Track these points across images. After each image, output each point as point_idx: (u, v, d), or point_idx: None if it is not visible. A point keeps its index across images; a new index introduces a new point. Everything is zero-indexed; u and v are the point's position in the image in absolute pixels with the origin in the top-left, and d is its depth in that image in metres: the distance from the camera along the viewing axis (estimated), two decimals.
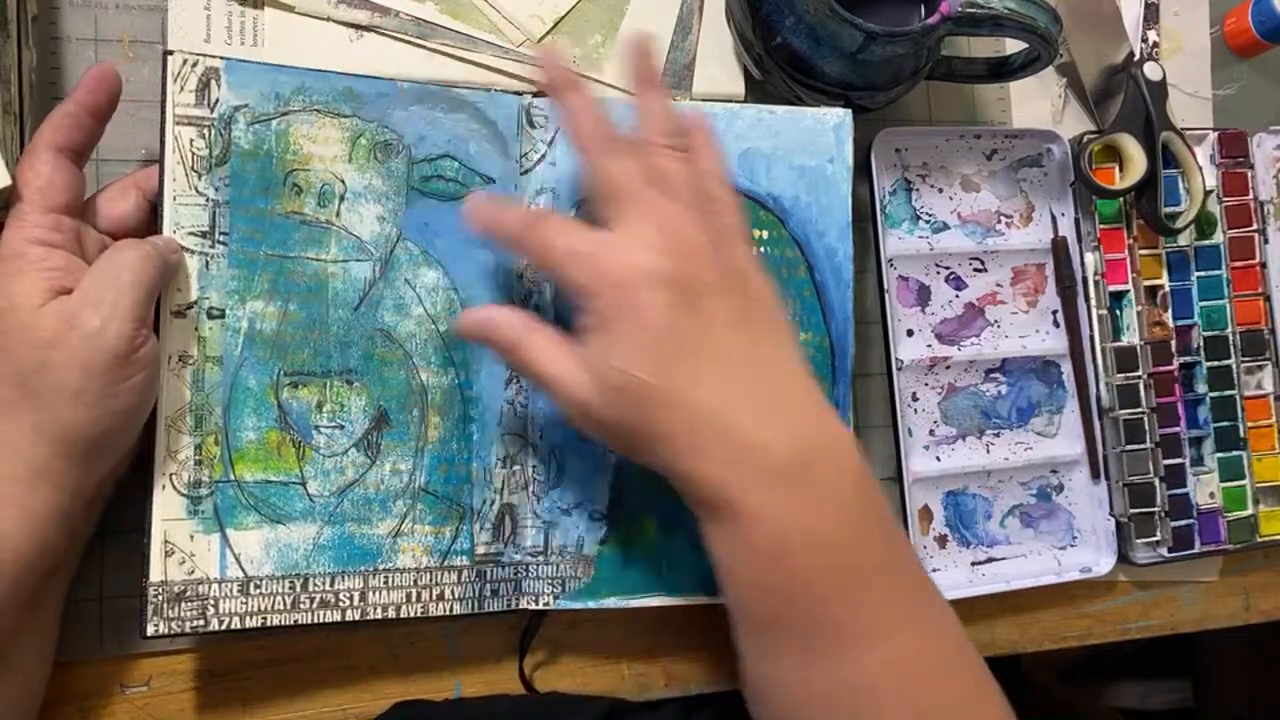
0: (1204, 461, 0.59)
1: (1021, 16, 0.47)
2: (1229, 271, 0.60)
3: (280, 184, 0.44)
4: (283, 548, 0.43)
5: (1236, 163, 0.60)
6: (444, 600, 0.45)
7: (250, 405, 0.43)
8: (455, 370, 0.46)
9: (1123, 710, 1.21)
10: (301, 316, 0.44)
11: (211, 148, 0.43)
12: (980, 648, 0.56)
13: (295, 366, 0.44)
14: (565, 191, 0.48)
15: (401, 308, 0.45)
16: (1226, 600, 0.61)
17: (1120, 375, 0.57)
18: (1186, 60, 0.63)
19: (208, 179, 0.43)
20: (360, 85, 0.45)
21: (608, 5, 0.53)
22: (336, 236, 0.45)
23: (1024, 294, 0.58)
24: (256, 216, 0.43)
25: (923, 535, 0.55)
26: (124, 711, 0.45)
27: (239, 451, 0.43)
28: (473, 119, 0.47)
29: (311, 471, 0.44)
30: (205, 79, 0.43)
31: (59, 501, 0.38)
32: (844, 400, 0.50)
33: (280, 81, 0.44)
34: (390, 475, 0.45)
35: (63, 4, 0.47)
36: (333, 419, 0.44)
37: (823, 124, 0.51)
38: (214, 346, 0.43)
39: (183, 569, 0.41)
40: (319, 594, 0.43)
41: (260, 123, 0.44)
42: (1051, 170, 0.59)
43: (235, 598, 0.42)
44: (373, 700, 0.48)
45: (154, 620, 0.41)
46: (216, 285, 0.43)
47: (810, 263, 0.50)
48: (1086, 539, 0.58)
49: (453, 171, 0.46)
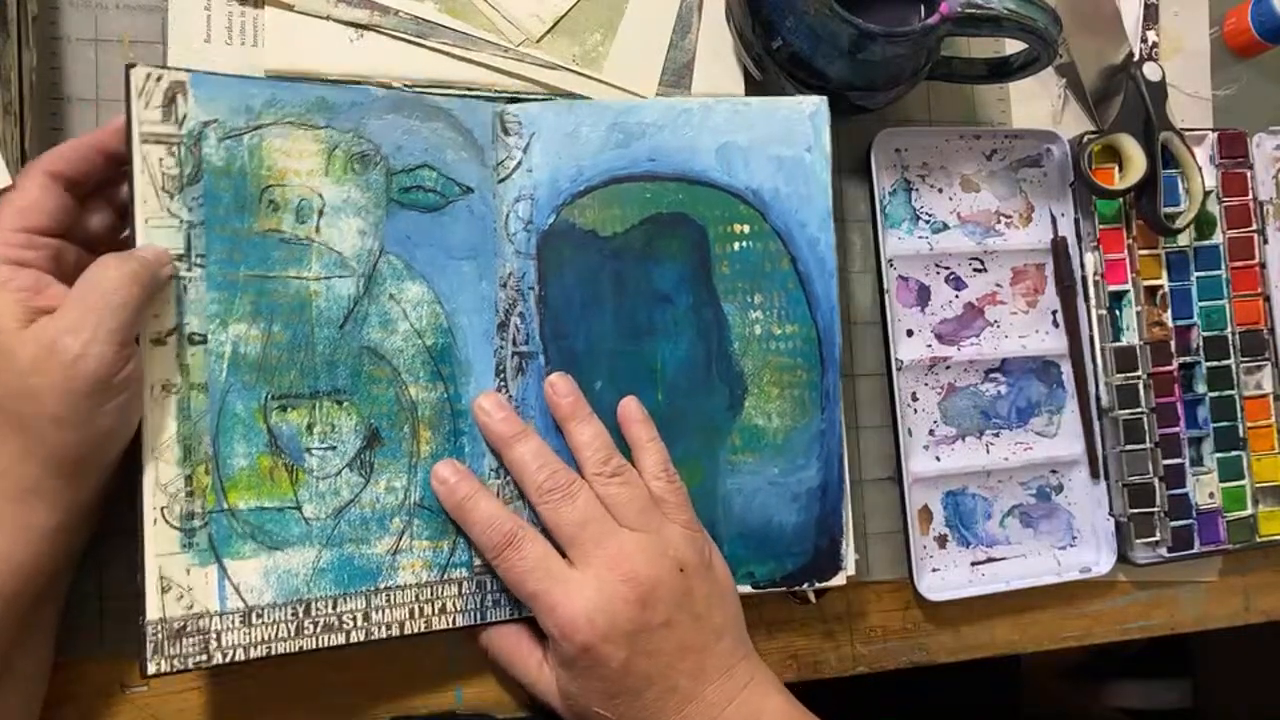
0: (1203, 462, 0.59)
1: (1021, 17, 0.47)
2: (1228, 272, 0.60)
3: (256, 201, 0.43)
4: (282, 574, 0.42)
5: (1236, 163, 0.60)
6: (446, 614, 0.45)
7: (239, 431, 0.42)
8: (444, 384, 0.46)
9: (1123, 710, 1.21)
10: (286, 337, 0.43)
11: (182, 166, 0.41)
12: (980, 648, 0.56)
13: (283, 389, 0.43)
14: (543, 197, 0.47)
15: (387, 323, 0.45)
16: (1226, 600, 0.61)
17: (1120, 375, 0.57)
18: (1186, 60, 0.63)
19: (180, 199, 0.41)
20: (333, 94, 0.44)
21: (607, 4, 0.53)
22: (317, 253, 0.44)
23: (1024, 294, 0.58)
24: (233, 236, 0.42)
25: (922, 535, 0.55)
26: (124, 711, 0.45)
27: (231, 479, 0.42)
28: (448, 127, 0.46)
29: (306, 495, 0.43)
30: (171, 94, 0.41)
31: (53, 518, 0.38)
32: (834, 389, 0.50)
33: (250, 94, 0.43)
34: (385, 493, 0.44)
35: (63, 4, 0.46)
36: (324, 440, 0.43)
37: (799, 113, 0.50)
38: (198, 373, 0.41)
39: (181, 604, 0.40)
40: (322, 618, 0.43)
41: (232, 138, 0.42)
42: (1051, 170, 0.59)
43: (237, 629, 0.41)
44: (373, 702, 0.48)
45: (155, 659, 0.40)
46: (196, 309, 0.41)
47: (793, 254, 0.50)
48: (1086, 539, 0.58)
49: (432, 181, 0.46)
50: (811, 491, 0.49)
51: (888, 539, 0.55)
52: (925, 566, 0.55)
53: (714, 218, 0.49)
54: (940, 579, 0.55)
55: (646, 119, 0.49)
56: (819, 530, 0.49)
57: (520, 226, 0.47)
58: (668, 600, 0.43)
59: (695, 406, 0.48)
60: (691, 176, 0.49)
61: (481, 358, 0.46)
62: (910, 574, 0.54)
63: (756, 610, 0.53)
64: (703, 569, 0.45)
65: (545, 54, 0.51)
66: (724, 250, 0.49)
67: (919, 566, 0.54)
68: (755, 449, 0.49)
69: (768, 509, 0.49)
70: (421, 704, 0.48)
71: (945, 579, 0.55)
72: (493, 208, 0.47)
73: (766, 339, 0.49)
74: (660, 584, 0.43)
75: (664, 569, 0.43)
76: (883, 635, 0.55)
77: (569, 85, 0.51)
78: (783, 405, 0.49)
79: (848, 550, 0.49)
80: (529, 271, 0.47)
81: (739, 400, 0.49)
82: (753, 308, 0.49)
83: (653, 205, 0.48)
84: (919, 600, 0.54)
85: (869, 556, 0.55)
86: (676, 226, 0.49)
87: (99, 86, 0.47)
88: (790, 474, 0.49)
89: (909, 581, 0.54)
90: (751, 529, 0.49)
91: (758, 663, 0.47)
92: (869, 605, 0.55)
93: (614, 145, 0.48)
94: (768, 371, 0.49)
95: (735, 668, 0.45)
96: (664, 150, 0.49)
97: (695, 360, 0.48)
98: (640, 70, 0.53)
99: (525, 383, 0.47)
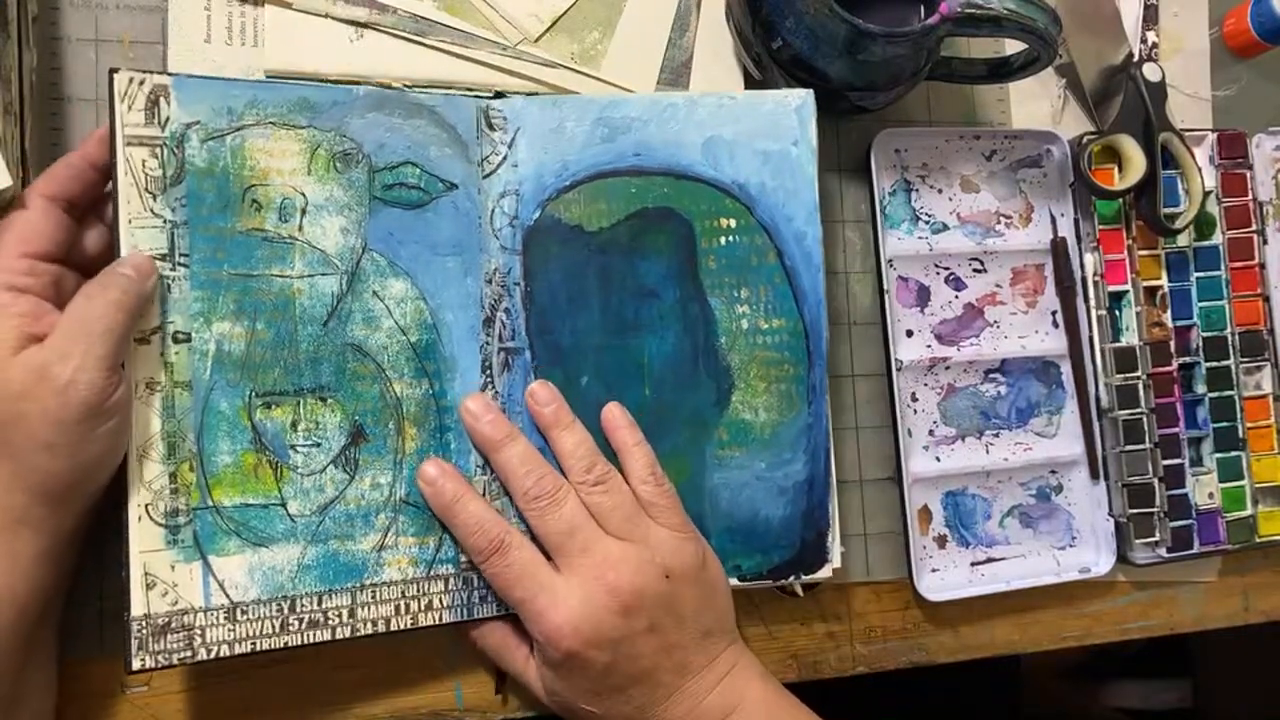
0: (1203, 462, 0.59)
1: (1021, 17, 0.47)
2: (1228, 272, 0.60)
3: (239, 201, 0.43)
4: (267, 570, 0.43)
5: (1235, 163, 0.60)
6: (433, 610, 0.45)
7: (224, 429, 0.42)
8: (429, 380, 0.46)
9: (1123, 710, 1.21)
10: (270, 335, 0.43)
11: (165, 167, 0.42)
12: (980, 648, 0.56)
13: (267, 387, 0.43)
14: (528, 192, 0.48)
15: (371, 320, 0.45)
16: (1225, 600, 0.61)
17: (1119, 376, 0.57)
18: (1186, 61, 0.63)
19: (163, 200, 0.42)
20: (315, 94, 0.44)
21: (605, 2, 0.53)
22: (300, 251, 0.44)
23: (1023, 294, 0.58)
24: (217, 235, 0.43)
25: (922, 535, 0.55)
26: (124, 711, 0.45)
27: (215, 476, 0.42)
28: (431, 123, 0.46)
29: (291, 491, 0.43)
30: (154, 96, 0.42)
31: (42, 544, 0.38)
32: (820, 383, 0.50)
33: (231, 95, 0.43)
34: (370, 490, 0.45)
35: (63, 4, 0.47)
36: (308, 437, 0.44)
37: (784, 107, 0.50)
38: (182, 371, 0.42)
39: (165, 600, 0.41)
40: (307, 614, 0.43)
41: (214, 139, 0.43)
42: (1051, 171, 0.59)
43: (222, 625, 0.42)
44: (373, 700, 0.48)
45: (139, 655, 0.40)
46: (180, 308, 0.42)
47: (780, 249, 0.50)
48: (1086, 539, 0.58)
49: (415, 178, 0.46)
50: (798, 485, 0.49)
51: (887, 539, 0.55)
52: (925, 567, 0.55)
53: (700, 212, 0.49)
54: (940, 579, 0.55)
55: (632, 113, 0.49)
56: (805, 523, 0.49)
57: (506, 222, 0.47)
58: (651, 607, 0.44)
59: (682, 401, 0.48)
60: (678, 171, 0.49)
61: (467, 353, 0.47)
62: (910, 574, 0.54)
63: (756, 610, 0.53)
64: (691, 573, 0.45)
65: (544, 52, 0.51)
66: (710, 245, 0.49)
67: (919, 567, 0.54)
68: (742, 443, 0.49)
69: (755, 503, 0.49)
70: (422, 703, 0.49)
71: (945, 579, 0.55)
72: (477, 203, 0.47)
73: (753, 333, 0.49)
74: (645, 592, 0.44)
75: (649, 577, 0.44)
76: (882, 635, 0.55)
77: (567, 83, 0.52)
78: (769, 399, 0.49)
79: (834, 543, 0.49)
80: (515, 267, 0.47)
81: (726, 395, 0.49)
82: (739, 302, 0.49)
83: (639, 200, 0.48)
84: (919, 600, 0.54)
85: (869, 556, 0.55)
86: (663, 221, 0.49)
87: (99, 86, 0.47)
88: (777, 468, 0.49)
89: (909, 582, 0.54)
90: (738, 523, 0.49)
91: (741, 649, 0.47)
92: (869, 605, 0.55)
93: (599, 140, 0.48)
94: (754, 366, 0.49)
95: (718, 658, 0.46)
96: (650, 145, 0.49)
97: (682, 355, 0.48)
98: (638, 69, 0.53)
99: (511, 378, 0.47)
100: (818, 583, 0.52)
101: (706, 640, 0.46)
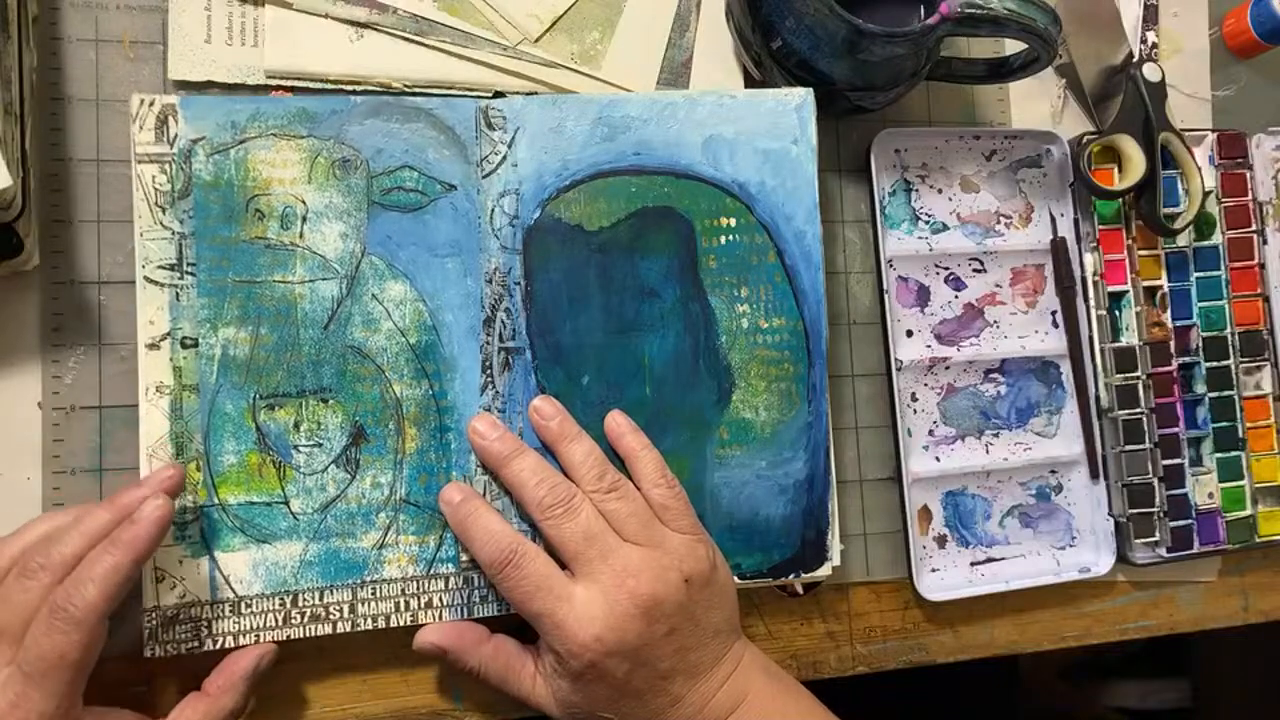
0: (1203, 462, 0.59)
1: (1021, 17, 0.47)
2: (1228, 272, 0.60)
3: (243, 211, 0.45)
4: (270, 566, 0.44)
5: (1235, 164, 0.60)
6: (433, 608, 0.46)
7: (229, 430, 0.44)
8: (429, 381, 0.46)
9: (1122, 710, 1.21)
10: (273, 339, 0.45)
11: (174, 182, 0.44)
12: (980, 648, 0.56)
13: (270, 389, 0.45)
14: (529, 192, 0.48)
15: (370, 323, 0.46)
16: (1225, 600, 0.61)
17: (1119, 376, 0.57)
18: (1185, 61, 0.63)
19: (172, 212, 0.44)
20: (313, 104, 0.46)
21: (605, 2, 0.53)
22: (301, 257, 0.45)
23: (1023, 294, 0.58)
24: (222, 245, 0.44)
25: (922, 535, 0.55)
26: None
27: (221, 476, 0.44)
28: (429, 126, 0.47)
29: (293, 490, 0.45)
30: (163, 116, 0.44)
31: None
32: (820, 381, 0.50)
33: (235, 110, 0.45)
34: (371, 489, 0.45)
35: (63, 4, 0.47)
36: (310, 438, 0.45)
37: (784, 106, 0.50)
38: (189, 375, 0.44)
39: (174, 593, 0.43)
40: (309, 609, 0.44)
41: (219, 153, 0.45)
42: (1051, 171, 0.59)
43: (228, 618, 0.44)
44: (373, 700, 0.48)
45: (150, 644, 0.43)
46: (188, 315, 0.44)
47: (780, 248, 0.50)
48: (1085, 539, 0.58)
49: (413, 182, 0.47)
50: (798, 484, 0.49)
51: (887, 539, 0.55)
52: (925, 566, 0.55)
53: (700, 211, 0.49)
54: (940, 579, 0.55)
55: (632, 112, 0.49)
56: (806, 522, 0.49)
57: (505, 221, 0.47)
58: (671, 613, 0.44)
59: (683, 400, 0.48)
60: (677, 170, 0.49)
61: (467, 354, 0.47)
62: (910, 574, 0.54)
63: (757, 610, 0.53)
64: (705, 576, 0.45)
65: (544, 52, 0.51)
66: (710, 244, 0.49)
67: (918, 566, 0.54)
68: (743, 442, 0.49)
69: (755, 501, 0.49)
70: (421, 703, 0.49)
71: (945, 579, 0.55)
72: (477, 203, 0.47)
73: (753, 332, 0.49)
74: (665, 599, 0.44)
75: (669, 583, 0.44)
76: (882, 635, 0.55)
77: (567, 83, 0.52)
78: (770, 398, 0.49)
79: (834, 542, 0.50)
80: (515, 267, 0.47)
81: (726, 394, 0.49)
82: (739, 301, 0.49)
83: (639, 199, 0.49)
84: (918, 600, 0.55)
85: (869, 556, 0.55)
86: (663, 220, 0.49)
87: (99, 86, 0.47)
88: (777, 466, 0.49)
89: (909, 581, 0.54)
90: (739, 521, 0.49)
91: (745, 644, 0.47)
92: (868, 605, 0.55)
93: (599, 139, 0.48)
94: (755, 365, 0.49)
95: (725, 656, 0.46)
96: (650, 144, 0.49)
97: (682, 354, 0.49)
98: (638, 69, 0.53)
99: (512, 378, 0.47)
100: (818, 582, 0.52)
101: (716, 640, 0.46)
